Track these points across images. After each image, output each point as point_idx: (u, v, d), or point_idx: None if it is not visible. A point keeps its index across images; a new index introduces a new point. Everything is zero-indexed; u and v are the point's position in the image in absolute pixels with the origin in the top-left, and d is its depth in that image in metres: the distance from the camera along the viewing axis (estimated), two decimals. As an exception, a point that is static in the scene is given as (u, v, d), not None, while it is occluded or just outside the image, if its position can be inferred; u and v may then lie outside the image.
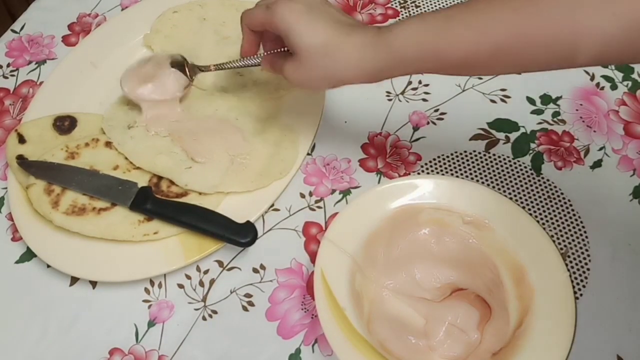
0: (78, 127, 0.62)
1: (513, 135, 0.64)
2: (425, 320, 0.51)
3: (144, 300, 0.55)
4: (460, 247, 0.53)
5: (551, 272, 0.49)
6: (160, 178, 0.59)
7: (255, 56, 0.56)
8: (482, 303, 0.52)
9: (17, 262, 0.58)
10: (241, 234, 0.54)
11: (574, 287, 0.49)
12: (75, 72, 0.67)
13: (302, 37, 0.47)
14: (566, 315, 0.46)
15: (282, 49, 0.53)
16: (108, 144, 0.60)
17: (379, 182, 0.61)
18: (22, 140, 0.60)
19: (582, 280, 0.56)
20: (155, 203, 0.56)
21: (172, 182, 0.58)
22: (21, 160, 0.59)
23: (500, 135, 0.64)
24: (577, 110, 0.67)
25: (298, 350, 0.53)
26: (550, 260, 0.49)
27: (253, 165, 0.59)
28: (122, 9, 0.76)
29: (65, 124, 0.62)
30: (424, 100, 0.67)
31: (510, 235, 0.51)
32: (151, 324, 0.54)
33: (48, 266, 0.57)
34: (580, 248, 0.57)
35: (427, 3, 0.76)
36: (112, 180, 0.57)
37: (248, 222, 0.55)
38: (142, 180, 0.58)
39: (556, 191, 0.61)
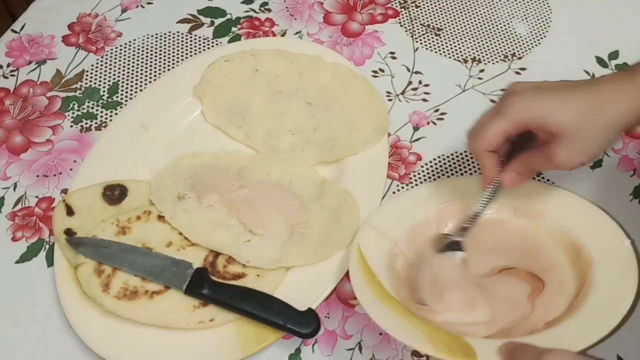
0: (128, 197, 0.58)
1: (513, 136, 0.64)
2: (472, 295, 0.50)
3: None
4: (511, 237, 0.53)
5: (611, 242, 0.48)
6: (216, 256, 0.55)
7: (494, 182, 0.51)
8: (533, 277, 0.51)
9: (17, 262, 0.58)
10: (303, 324, 0.50)
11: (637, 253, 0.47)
12: (124, 136, 0.63)
13: (557, 113, 0.45)
14: (627, 277, 0.45)
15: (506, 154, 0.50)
16: (161, 217, 0.57)
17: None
18: (70, 211, 0.57)
19: (582, 280, 0.56)
20: (212, 287, 0.52)
21: (228, 262, 0.55)
22: (70, 236, 0.55)
23: (501, 135, 0.64)
24: (577, 110, 0.66)
25: (298, 350, 0.53)
26: (609, 232, 0.49)
27: (313, 234, 0.56)
28: (122, 10, 0.76)
29: (115, 194, 0.58)
30: (424, 100, 0.67)
31: (564, 218, 0.51)
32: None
33: (48, 266, 0.57)
34: (581, 248, 0.57)
35: (427, 3, 0.76)
36: (166, 260, 0.54)
37: (310, 309, 0.51)
38: (197, 259, 0.55)
39: (556, 191, 0.61)
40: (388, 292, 0.48)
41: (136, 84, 0.69)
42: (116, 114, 0.67)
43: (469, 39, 0.73)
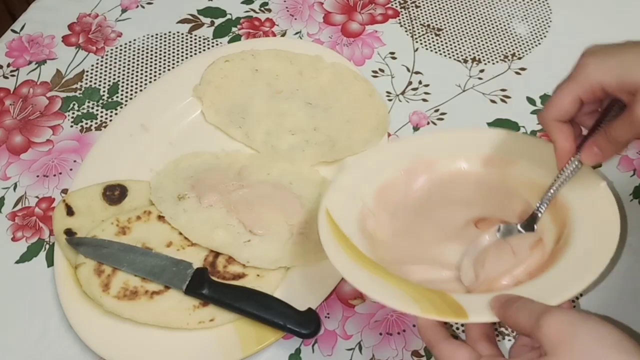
0: (129, 197, 0.58)
1: (513, 136, 0.64)
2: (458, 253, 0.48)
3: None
4: (482, 186, 0.51)
5: (588, 187, 0.45)
6: (216, 256, 0.55)
7: (571, 159, 0.45)
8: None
9: (17, 262, 0.58)
10: (303, 324, 0.50)
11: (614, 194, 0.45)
12: (124, 136, 0.63)
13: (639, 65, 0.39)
14: (609, 222, 0.43)
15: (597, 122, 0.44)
16: (161, 217, 0.57)
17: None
18: (70, 212, 0.57)
19: (582, 280, 0.56)
20: (213, 287, 0.52)
21: (228, 262, 0.55)
22: (70, 236, 0.55)
23: (501, 136, 0.64)
24: (577, 110, 0.66)
25: (298, 350, 0.53)
26: (583, 176, 0.45)
27: (313, 235, 0.54)
28: (122, 10, 0.76)
29: (115, 194, 0.58)
30: (424, 100, 0.67)
31: (536, 165, 0.49)
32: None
33: (48, 266, 0.57)
34: (581, 248, 0.57)
35: (427, 3, 0.76)
36: (166, 260, 0.54)
37: (310, 309, 0.51)
38: (197, 259, 0.55)
39: (556, 191, 0.60)
40: (363, 254, 0.45)
41: (136, 84, 0.69)
42: (116, 114, 0.67)
43: (469, 39, 0.73)
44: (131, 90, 0.69)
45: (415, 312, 0.39)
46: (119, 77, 0.70)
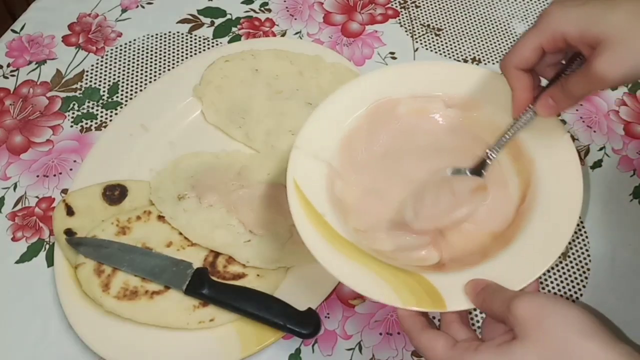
0: (129, 197, 0.58)
1: (513, 136, 0.64)
2: (413, 202, 0.46)
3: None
4: (446, 133, 0.49)
5: (550, 139, 0.44)
6: (216, 256, 0.55)
7: (527, 108, 0.44)
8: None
9: (17, 262, 0.58)
10: (303, 324, 0.50)
11: (575, 280, 0.47)
12: (124, 136, 0.63)
13: (602, 17, 0.38)
14: (572, 180, 0.42)
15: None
16: (161, 217, 0.57)
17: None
18: (70, 211, 0.57)
19: (582, 280, 0.56)
20: (212, 287, 0.52)
21: (228, 262, 0.55)
22: (70, 236, 0.55)
23: (501, 136, 0.64)
24: (577, 110, 0.66)
25: (298, 351, 0.53)
26: (547, 126, 0.44)
27: None
28: (122, 10, 0.76)
29: (115, 194, 0.58)
30: (424, 100, 0.67)
31: (501, 110, 0.46)
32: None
33: (48, 266, 0.57)
34: (581, 248, 0.57)
35: (427, 3, 0.76)
36: (166, 260, 0.54)
37: (310, 309, 0.51)
38: (197, 259, 0.55)
39: (556, 191, 0.60)
40: (338, 233, 0.43)
41: (136, 84, 0.69)
42: (116, 114, 0.67)
43: (469, 39, 0.73)
44: (131, 90, 0.69)
45: (396, 304, 0.40)
46: (119, 77, 0.70)
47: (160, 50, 0.72)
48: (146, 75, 0.70)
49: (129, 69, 0.70)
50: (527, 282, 0.40)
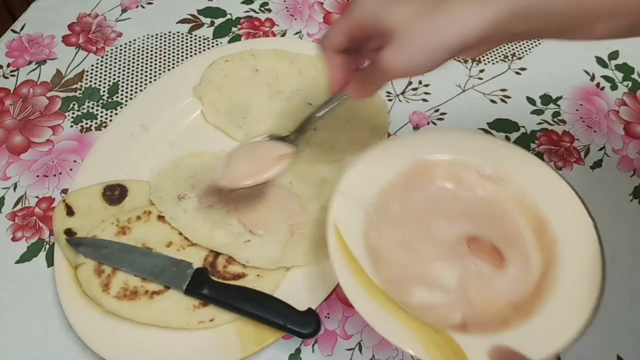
0: (129, 197, 0.58)
1: (513, 136, 0.65)
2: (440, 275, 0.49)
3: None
4: (477, 202, 0.52)
5: (575, 222, 0.47)
6: (216, 256, 0.55)
7: (339, 93, 0.48)
8: (493, 255, 0.50)
9: (17, 262, 0.58)
10: (303, 324, 0.50)
11: (599, 237, 0.47)
12: (124, 136, 0.63)
13: (390, 10, 0.38)
14: (593, 264, 0.45)
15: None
16: (161, 218, 0.57)
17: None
18: (70, 212, 0.57)
19: (582, 281, 0.56)
20: (212, 287, 0.52)
21: (228, 262, 0.55)
22: (70, 236, 0.55)
23: (501, 136, 0.64)
24: (577, 110, 0.67)
25: (298, 351, 0.53)
26: (572, 210, 0.48)
27: (313, 235, 0.56)
28: (122, 10, 0.76)
29: (115, 194, 0.58)
30: (424, 100, 0.67)
31: (530, 186, 0.50)
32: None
33: (48, 266, 0.57)
34: (581, 248, 0.57)
35: (427, 3, 0.76)
36: (166, 260, 0.54)
37: (310, 309, 0.51)
38: (197, 259, 0.55)
39: (556, 191, 0.61)
40: (372, 281, 0.45)
41: (136, 84, 0.69)
42: (116, 114, 0.67)
43: (469, 39, 0.73)
44: (131, 90, 0.69)
45: (424, 358, 0.42)
46: (119, 77, 0.70)
47: (160, 50, 0.72)
48: (146, 75, 0.70)
49: (128, 69, 0.70)
50: (546, 355, 0.41)
